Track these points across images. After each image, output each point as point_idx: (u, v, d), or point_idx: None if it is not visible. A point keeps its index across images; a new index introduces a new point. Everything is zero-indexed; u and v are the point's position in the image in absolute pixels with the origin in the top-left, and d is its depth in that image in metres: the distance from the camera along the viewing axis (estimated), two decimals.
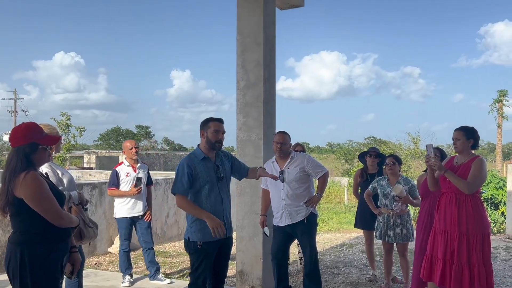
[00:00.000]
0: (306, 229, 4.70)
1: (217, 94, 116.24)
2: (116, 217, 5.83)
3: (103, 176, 12.85)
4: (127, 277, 5.77)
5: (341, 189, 21.19)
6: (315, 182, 5.01)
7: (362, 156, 6.36)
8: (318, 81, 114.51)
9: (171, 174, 11.19)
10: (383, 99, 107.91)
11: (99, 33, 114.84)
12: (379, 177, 5.63)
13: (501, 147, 29.38)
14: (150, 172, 6.13)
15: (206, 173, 3.71)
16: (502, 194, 11.03)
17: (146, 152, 32.26)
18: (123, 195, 5.71)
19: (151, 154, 32.16)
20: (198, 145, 3.85)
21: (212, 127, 3.75)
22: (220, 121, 3.82)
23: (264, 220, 4.90)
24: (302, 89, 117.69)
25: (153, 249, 5.92)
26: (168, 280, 5.87)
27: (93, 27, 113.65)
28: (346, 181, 21.96)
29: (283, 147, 4.66)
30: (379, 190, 5.47)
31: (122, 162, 5.91)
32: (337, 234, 10.37)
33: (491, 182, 11.49)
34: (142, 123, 70.01)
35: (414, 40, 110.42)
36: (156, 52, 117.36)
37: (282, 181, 4.65)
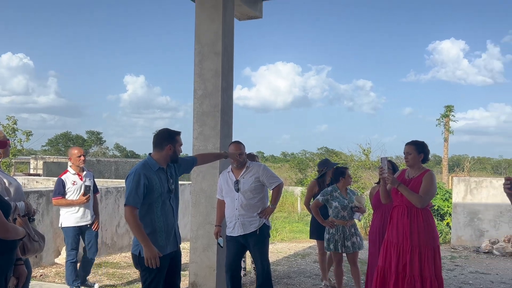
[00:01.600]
0: (258, 240, 4.69)
1: (172, 101, 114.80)
2: (62, 226, 5.64)
3: (51, 183, 12.36)
4: None
5: (295, 198, 21.38)
6: (270, 194, 5.02)
7: (324, 167, 6.31)
8: (273, 91, 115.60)
9: (123, 182, 10.91)
10: (336, 111, 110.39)
11: (50, 35, 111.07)
12: (330, 189, 5.57)
13: (447, 160, 30.78)
14: (101, 179, 6.00)
15: (161, 185, 3.64)
16: (447, 205, 11.46)
17: (97, 159, 31.32)
18: (71, 204, 5.54)
19: (102, 161, 31.21)
20: (150, 154, 3.75)
21: (179, 141, 3.76)
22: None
23: (219, 230, 4.85)
24: (258, 99, 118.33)
25: (94, 260, 5.94)
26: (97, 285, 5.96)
27: (44, 29, 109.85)
28: (299, 191, 22.21)
29: (239, 157, 4.65)
30: (336, 202, 5.47)
31: (67, 171, 5.74)
32: (290, 244, 10.44)
33: (437, 193, 11.93)
34: (93, 128, 68.09)
35: (367, 54, 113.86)
36: (109, 56, 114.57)
37: (237, 190, 4.64)
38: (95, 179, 5.97)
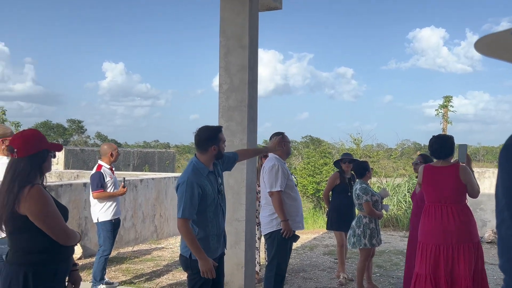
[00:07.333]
0: None
1: (153, 89, 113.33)
2: (99, 221, 5.64)
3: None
4: (102, 286, 5.59)
5: None
6: None
7: (337, 162, 6.49)
8: None
9: (121, 173, 10.68)
10: (317, 98, 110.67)
11: (26, 21, 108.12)
12: (365, 186, 5.50)
13: None
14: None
15: (213, 190, 3.49)
16: None
17: (80, 148, 30.70)
18: (112, 196, 5.65)
19: (86, 150, 30.65)
20: (196, 155, 3.57)
21: (222, 138, 3.60)
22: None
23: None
24: None
25: None
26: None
27: (19, 15, 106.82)
28: None
29: (285, 145, 4.67)
30: (376, 196, 5.51)
31: (101, 165, 5.73)
32: None
33: None
34: (71, 116, 66.81)
35: (348, 42, 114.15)
36: (87, 43, 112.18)
37: (296, 185, 4.69)
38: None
